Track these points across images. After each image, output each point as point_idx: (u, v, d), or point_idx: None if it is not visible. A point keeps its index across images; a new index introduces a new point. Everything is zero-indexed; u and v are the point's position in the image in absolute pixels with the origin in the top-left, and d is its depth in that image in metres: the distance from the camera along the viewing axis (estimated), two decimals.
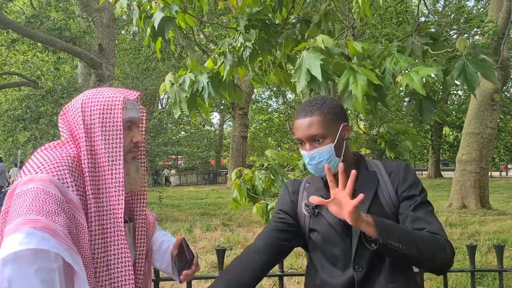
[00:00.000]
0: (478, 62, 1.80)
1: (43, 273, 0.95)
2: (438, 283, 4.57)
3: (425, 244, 1.19)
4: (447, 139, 33.51)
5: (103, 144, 1.18)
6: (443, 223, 8.64)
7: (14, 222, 0.98)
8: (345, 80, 1.81)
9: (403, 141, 2.55)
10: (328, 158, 1.31)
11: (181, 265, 1.35)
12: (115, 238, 1.18)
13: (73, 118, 1.22)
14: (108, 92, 1.23)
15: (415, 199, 1.30)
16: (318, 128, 1.30)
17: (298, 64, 1.86)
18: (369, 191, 1.32)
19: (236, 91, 2.50)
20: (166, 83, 2.43)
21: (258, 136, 35.27)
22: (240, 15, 2.26)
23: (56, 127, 10.47)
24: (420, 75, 1.71)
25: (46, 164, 1.11)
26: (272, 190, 2.40)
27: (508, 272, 2.86)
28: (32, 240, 0.95)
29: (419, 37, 2.17)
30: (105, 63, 13.50)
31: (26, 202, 1.02)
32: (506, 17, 8.66)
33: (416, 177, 1.35)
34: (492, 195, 13.28)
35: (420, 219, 1.27)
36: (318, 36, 1.93)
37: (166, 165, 22.50)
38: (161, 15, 2.10)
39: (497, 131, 14.39)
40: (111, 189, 1.18)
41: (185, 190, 21.60)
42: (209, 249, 6.50)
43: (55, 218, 1.01)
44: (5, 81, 17.80)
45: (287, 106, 31.14)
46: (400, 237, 1.17)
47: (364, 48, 1.92)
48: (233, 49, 2.29)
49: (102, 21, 13.94)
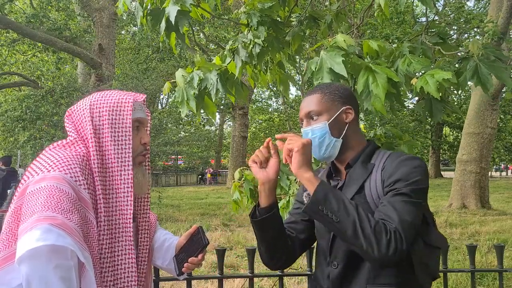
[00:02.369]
0: (490, 63, 1.79)
1: (62, 270, 0.96)
2: (438, 283, 4.56)
3: (362, 225, 1.08)
4: (447, 139, 33.53)
5: (112, 144, 1.19)
6: (443, 223, 8.68)
7: (30, 220, 0.98)
8: (365, 80, 1.78)
9: (400, 145, 2.54)
10: (321, 135, 1.28)
11: (185, 255, 1.34)
12: (122, 239, 1.18)
13: (80, 119, 1.23)
14: (117, 94, 1.25)
15: (395, 190, 1.17)
16: (314, 105, 1.30)
17: (318, 65, 1.83)
18: (354, 185, 1.26)
19: (244, 90, 2.47)
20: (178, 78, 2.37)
21: (258, 136, 35.26)
22: (252, 11, 2.23)
23: (56, 127, 10.48)
24: (435, 79, 1.69)
25: (58, 163, 1.10)
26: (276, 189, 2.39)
27: (508, 272, 2.86)
28: (50, 237, 0.95)
29: (429, 36, 2.16)
30: (105, 63, 13.49)
31: (40, 199, 1.01)
32: (506, 17, 8.65)
33: (408, 173, 1.18)
34: (492, 195, 13.28)
35: (384, 206, 1.15)
36: (338, 36, 1.91)
37: (165, 165, 22.54)
38: (175, 9, 2.02)
39: (497, 131, 14.40)
40: (119, 190, 1.18)
41: (185, 190, 21.60)
42: (209, 249, 6.49)
43: (70, 216, 1.02)
44: (5, 81, 17.81)
45: (287, 106, 31.13)
46: (337, 208, 1.10)
47: (380, 46, 1.90)
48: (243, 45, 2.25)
49: (102, 21, 13.93)
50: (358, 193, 1.24)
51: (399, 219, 1.10)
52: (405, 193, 1.15)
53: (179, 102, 2.33)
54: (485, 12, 18.23)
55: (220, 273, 1.86)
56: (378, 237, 1.07)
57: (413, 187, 1.16)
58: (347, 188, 1.27)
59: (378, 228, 1.08)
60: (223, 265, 1.88)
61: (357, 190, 1.24)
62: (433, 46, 2.10)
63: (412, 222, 1.12)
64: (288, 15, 2.64)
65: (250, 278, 1.88)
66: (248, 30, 2.30)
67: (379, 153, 1.30)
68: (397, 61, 1.93)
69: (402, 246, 1.08)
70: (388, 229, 1.08)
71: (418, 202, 1.16)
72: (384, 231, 1.08)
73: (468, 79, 1.81)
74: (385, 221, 1.11)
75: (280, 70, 2.72)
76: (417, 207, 1.16)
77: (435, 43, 2.12)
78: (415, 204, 1.15)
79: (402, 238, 1.08)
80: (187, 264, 1.31)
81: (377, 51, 1.91)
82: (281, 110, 33.81)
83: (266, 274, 2.36)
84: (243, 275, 1.98)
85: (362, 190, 1.24)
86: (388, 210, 1.13)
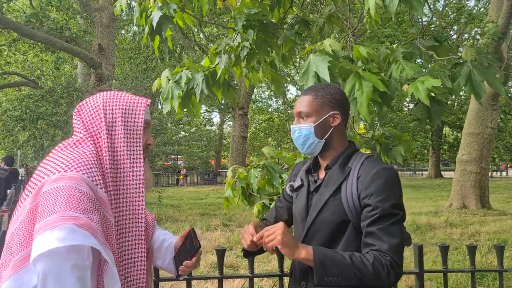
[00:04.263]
0: (484, 69, 1.82)
1: (78, 270, 0.97)
2: (438, 283, 4.56)
3: (363, 273, 1.19)
4: (448, 139, 33.55)
5: (125, 141, 1.22)
6: (443, 223, 8.69)
7: (49, 219, 0.98)
8: (351, 86, 1.83)
9: (397, 145, 2.56)
10: (306, 135, 1.40)
11: (182, 257, 1.35)
12: (132, 234, 1.20)
13: (91, 115, 1.24)
14: (128, 95, 1.31)
15: (374, 211, 1.25)
16: (305, 106, 1.41)
17: (305, 67, 1.89)
18: (331, 186, 1.36)
19: (230, 91, 2.53)
20: (163, 79, 2.46)
21: (258, 136, 35.31)
22: (238, 15, 2.28)
23: (56, 127, 10.47)
24: (425, 86, 1.73)
25: (75, 163, 1.11)
26: (267, 188, 2.40)
27: (508, 272, 2.86)
28: (76, 237, 0.96)
29: (424, 40, 2.18)
30: (105, 63, 13.49)
31: (60, 199, 1.01)
32: (506, 17, 8.65)
33: (384, 185, 1.27)
34: (492, 195, 13.28)
35: (372, 234, 1.24)
36: (325, 40, 1.96)
37: (165, 165, 22.51)
38: (159, 14, 2.14)
39: (497, 131, 14.40)
40: (131, 186, 1.21)
41: (185, 190, 21.61)
42: (209, 249, 6.50)
43: (91, 216, 1.02)
44: (5, 81, 17.81)
45: (287, 106, 31.15)
46: (337, 272, 1.19)
47: (369, 53, 1.93)
48: (230, 48, 2.31)
49: (102, 21, 13.94)
50: (334, 194, 1.35)
51: (389, 246, 1.22)
52: (386, 214, 1.24)
53: (164, 99, 2.41)
54: (485, 12, 18.23)
55: (220, 273, 1.86)
56: (378, 274, 1.20)
57: (391, 202, 1.26)
58: (324, 188, 1.39)
59: (376, 268, 1.20)
60: (223, 265, 1.88)
61: (334, 191, 1.35)
62: (427, 51, 2.12)
63: (400, 241, 1.24)
64: (283, 17, 2.66)
65: (250, 278, 1.88)
66: (236, 33, 2.34)
67: (357, 157, 1.40)
68: (391, 66, 1.96)
69: (399, 270, 1.22)
70: (383, 263, 1.20)
71: (399, 215, 1.27)
72: (381, 266, 1.20)
73: (462, 85, 1.84)
74: (379, 253, 1.22)
75: (272, 69, 2.75)
76: (399, 221, 1.27)
77: (430, 47, 2.15)
78: (398, 220, 1.26)
79: (397, 264, 1.22)
80: (182, 267, 1.33)
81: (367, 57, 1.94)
82: (281, 110, 33.84)
83: (266, 274, 2.36)
84: (243, 275, 1.98)
85: (339, 191, 1.35)
86: (377, 241, 1.23)
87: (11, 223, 1.11)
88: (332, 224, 1.32)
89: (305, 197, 1.44)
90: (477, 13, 19.85)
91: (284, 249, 1.23)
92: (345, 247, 1.30)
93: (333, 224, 1.32)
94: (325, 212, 1.34)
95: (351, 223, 1.30)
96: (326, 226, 1.34)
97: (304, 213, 1.42)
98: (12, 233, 1.06)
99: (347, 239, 1.31)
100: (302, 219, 1.42)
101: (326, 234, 1.34)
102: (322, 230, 1.35)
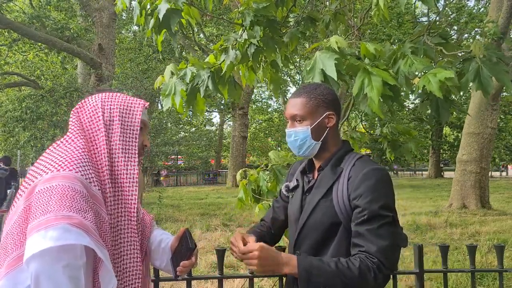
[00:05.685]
0: (492, 65, 1.78)
1: (71, 270, 0.97)
2: (438, 283, 4.56)
3: (349, 278, 1.18)
4: (448, 139, 33.51)
5: (120, 139, 1.23)
6: (443, 223, 8.68)
7: (42, 218, 0.97)
8: (360, 83, 1.79)
9: (407, 143, 2.53)
10: (302, 138, 1.38)
11: (179, 258, 1.35)
12: (128, 230, 1.20)
13: (89, 114, 1.25)
14: (126, 96, 1.32)
15: (363, 212, 1.23)
16: (300, 109, 1.38)
17: (311, 64, 1.86)
18: (322, 187, 1.36)
19: (237, 89, 2.47)
20: (167, 73, 2.39)
21: (258, 136, 35.30)
22: (246, 10, 2.23)
23: (56, 127, 10.47)
24: (438, 78, 1.69)
25: (67, 161, 1.11)
26: (276, 191, 2.39)
27: (508, 272, 2.86)
28: (70, 236, 0.96)
29: (430, 37, 2.15)
30: (105, 63, 13.49)
31: (53, 199, 1.01)
32: (506, 17, 8.65)
33: (374, 186, 1.25)
34: (493, 195, 13.28)
35: (360, 235, 1.23)
36: (331, 37, 1.92)
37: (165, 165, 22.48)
38: (166, 6, 2.06)
39: (497, 131, 14.39)
40: (124, 184, 1.21)
41: (185, 190, 21.60)
42: (209, 249, 6.50)
43: (85, 214, 1.02)
44: (6, 81, 17.80)
45: None
46: (324, 280, 1.18)
47: (377, 49, 1.91)
48: (237, 45, 2.26)
49: (102, 20, 13.93)
50: (326, 196, 1.34)
51: (377, 248, 1.19)
52: (375, 216, 1.22)
53: (164, 94, 2.33)
54: (485, 12, 18.22)
55: (220, 273, 1.86)
56: (365, 277, 1.18)
57: (381, 203, 1.23)
58: (317, 189, 1.38)
59: (362, 271, 1.18)
60: (223, 265, 1.87)
61: (325, 192, 1.34)
62: (435, 47, 2.09)
63: (391, 242, 1.21)
64: (286, 15, 2.63)
65: (250, 278, 1.88)
66: (242, 29, 2.30)
67: (349, 157, 1.39)
68: (398, 62, 1.93)
69: (387, 271, 1.19)
70: (370, 266, 1.18)
71: (390, 217, 1.24)
72: (367, 269, 1.18)
73: (470, 81, 1.81)
74: (366, 256, 1.20)
75: (272, 69, 2.72)
76: (389, 223, 1.23)
77: (437, 44, 2.11)
78: (387, 222, 1.23)
79: (385, 266, 1.19)
80: (179, 268, 1.33)
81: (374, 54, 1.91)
82: (281, 110, 33.81)
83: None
84: (243, 275, 1.98)
85: (330, 192, 1.33)
86: (365, 242, 1.21)
87: (6, 222, 1.11)
88: (323, 226, 1.31)
89: (299, 198, 1.44)
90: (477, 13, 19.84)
91: (264, 272, 1.22)
92: (336, 249, 1.29)
93: (324, 226, 1.31)
94: (316, 214, 1.34)
95: (342, 224, 1.29)
96: (318, 228, 1.33)
97: (297, 214, 1.42)
98: (7, 232, 1.07)
99: (338, 241, 1.30)
100: (296, 220, 1.42)
101: (317, 235, 1.33)
102: (313, 231, 1.34)
